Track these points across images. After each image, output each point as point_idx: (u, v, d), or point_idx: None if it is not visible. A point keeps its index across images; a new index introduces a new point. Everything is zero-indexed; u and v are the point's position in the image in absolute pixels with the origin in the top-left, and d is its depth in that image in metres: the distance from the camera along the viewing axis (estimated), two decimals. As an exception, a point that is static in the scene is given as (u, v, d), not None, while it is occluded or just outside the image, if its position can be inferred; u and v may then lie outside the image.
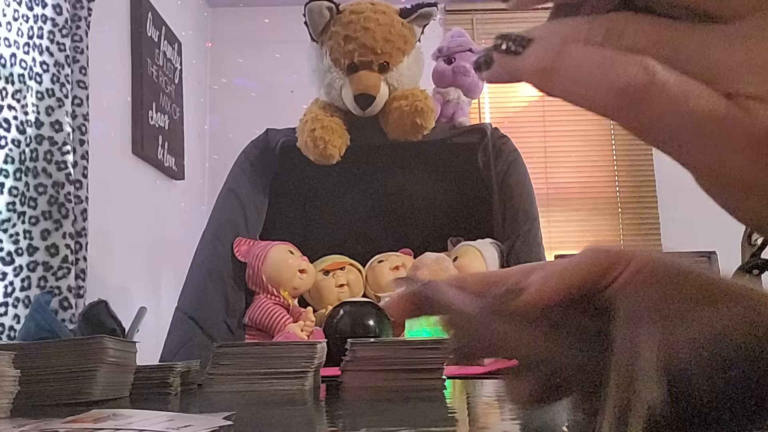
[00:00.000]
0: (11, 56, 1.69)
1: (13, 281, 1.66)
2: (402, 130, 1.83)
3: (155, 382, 1.03)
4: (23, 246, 1.69)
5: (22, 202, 1.71)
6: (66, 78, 1.83)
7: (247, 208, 1.88)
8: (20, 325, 1.57)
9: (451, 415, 0.79)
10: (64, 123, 1.80)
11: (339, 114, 1.87)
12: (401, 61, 1.86)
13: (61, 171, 1.77)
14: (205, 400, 0.98)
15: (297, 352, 1.03)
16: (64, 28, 1.84)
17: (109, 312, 1.18)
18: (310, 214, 2.06)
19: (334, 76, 1.85)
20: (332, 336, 1.55)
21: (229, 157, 2.02)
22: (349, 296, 1.84)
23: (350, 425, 0.73)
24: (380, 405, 0.88)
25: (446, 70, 2.06)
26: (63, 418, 0.60)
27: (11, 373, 0.75)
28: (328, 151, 1.78)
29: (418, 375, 1.02)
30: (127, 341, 1.01)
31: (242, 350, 1.06)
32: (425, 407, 0.84)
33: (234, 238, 1.82)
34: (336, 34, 1.83)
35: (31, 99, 1.75)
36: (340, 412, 0.86)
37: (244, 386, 1.01)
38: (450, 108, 2.02)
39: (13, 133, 1.69)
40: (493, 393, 1.03)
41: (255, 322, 1.75)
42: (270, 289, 1.76)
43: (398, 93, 1.85)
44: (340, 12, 1.85)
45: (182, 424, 0.56)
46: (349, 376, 1.03)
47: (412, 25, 1.90)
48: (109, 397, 0.91)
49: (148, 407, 0.70)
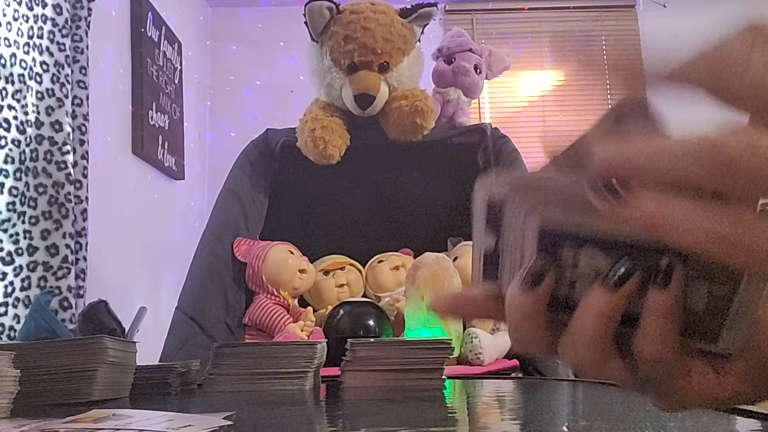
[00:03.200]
0: (11, 56, 1.69)
1: (13, 281, 1.66)
2: (402, 130, 1.83)
3: (155, 382, 1.03)
4: (23, 246, 1.69)
5: (22, 202, 1.71)
6: (66, 78, 1.83)
7: (247, 208, 1.88)
8: (20, 325, 1.57)
9: (451, 415, 0.79)
10: (64, 123, 1.80)
11: (339, 114, 1.87)
12: (401, 61, 1.86)
13: (61, 171, 1.77)
14: (205, 400, 0.98)
15: (297, 352, 1.03)
16: (64, 28, 1.84)
17: (109, 312, 1.18)
18: (310, 214, 2.06)
19: (334, 76, 1.85)
20: (332, 336, 1.55)
21: (229, 157, 2.02)
22: (349, 296, 1.84)
23: (350, 425, 0.73)
24: (380, 405, 0.88)
25: (446, 70, 2.06)
26: (63, 418, 0.60)
27: (11, 373, 0.75)
28: (328, 151, 1.78)
29: (418, 375, 1.02)
30: (127, 341, 1.01)
31: (242, 350, 1.06)
32: (425, 407, 0.83)
33: (234, 238, 1.82)
34: (336, 34, 1.83)
35: (31, 99, 1.75)
36: (340, 412, 0.86)
37: (244, 386, 1.01)
38: (450, 108, 2.02)
39: (13, 133, 1.69)
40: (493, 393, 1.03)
41: (255, 322, 1.75)
42: (270, 289, 1.76)
43: (398, 93, 1.84)
44: (340, 12, 1.85)
45: (182, 424, 0.56)
46: (349, 376, 1.03)
47: (412, 25, 1.90)
48: (109, 397, 0.91)
49: (148, 407, 0.70)
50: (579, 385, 1.15)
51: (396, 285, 1.83)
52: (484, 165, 1.92)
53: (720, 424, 0.61)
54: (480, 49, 2.11)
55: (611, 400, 0.84)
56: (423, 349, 1.04)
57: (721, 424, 0.61)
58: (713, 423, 0.61)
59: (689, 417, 0.63)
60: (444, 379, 1.03)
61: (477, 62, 2.07)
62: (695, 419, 0.62)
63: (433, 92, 2.02)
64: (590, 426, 0.61)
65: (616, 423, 0.60)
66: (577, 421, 0.71)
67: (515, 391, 1.09)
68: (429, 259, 1.62)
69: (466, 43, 2.09)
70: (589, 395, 0.97)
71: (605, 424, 0.61)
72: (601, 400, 0.87)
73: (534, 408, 0.86)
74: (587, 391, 1.01)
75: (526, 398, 0.97)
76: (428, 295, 1.56)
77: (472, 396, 0.99)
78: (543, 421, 0.69)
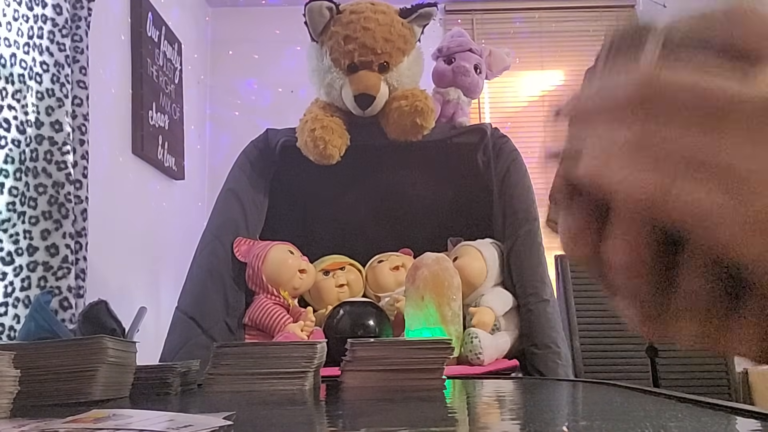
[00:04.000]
0: (11, 56, 1.69)
1: (13, 281, 1.66)
2: (402, 130, 1.83)
3: (155, 382, 1.03)
4: (23, 246, 1.69)
5: (22, 202, 1.71)
6: (66, 78, 1.83)
7: (247, 208, 1.88)
8: (20, 325, 1.57)
9: (451, 415, 0.79)
10: (64, 123, 1.80)
11: (339, 114, 1.87)
12: (401, 61, 1.86)
13: (61, 171, 1.77)
14: (205, 400, 0.98)
15: (297, 352, 1.03)
16: (64, 28, 1.84)
17: (109, 312, 1.18)
18: (310, 214, 2.06)
19: (334, 76, 1.85)
20: (332, 336, 1.55)
21: (229, 157, 2.02)
22: (349, 296, 1.84)
23: (350, 425, 0.73)
24: (380, 405, 0.88)
25: (446, 70, 2.06)
26: (63, 418, 0.60)
27: (11, 373, 0.75)
28: (328, 151, 1.78)
29: (418, 375, 1.02)
30: (127, 341, 1.01)
31: (242, 350, 1.06)
32: (425, 407, 0.83)
33: (234, 238, 1.82)
34: (336, 34, 1.83)
35: (31, 99, 1.75)
36: (340, 412, 0.86)
37: (244, 386, 1.01)
38: (450, 108, 2.02)
39: (13, 133, 1.69)
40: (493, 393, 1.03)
41: (255, 322, 1.75)
42: (270, 289, 1.76)
43: (398, 93, 1.85)
44: (340, 12, 1.85)
45: (182, 424, 0.56)
46: (349, 376, 1.03)
47: (412, 25, 1.90)
48: (109, 397, 0.91)
49: (148, 407, 0.70)
50: (579, 385, 1.16)
51: (396, 285, 1.83)
52: (484, 165, 1.92)
53: (720, 424, 0.61)
54: (480, 49, 2.11)
55: (611, 400, 0.84)
56: (423, 349, 1.04)
57: (721, 424, 0.61)
58: (713, 423, 0.61)
59: (689, 417, 0.63)
60: (444, 379, 1.03)
61: (477, 62, 2.07)
62: (695, 419, 0.62)
63: (433, 92, 2.02)
64: (590, 426, 0.61)
65: (616, 423, 0.60)
66: (577, 421, 0.71)
67: (515, 391, 1.09)
68: (429, 259, 1.62)
69: (466, 43, 2.09)
70: (589, 395, 0.97)
71: (605, 424, 0.61)
72: (601, 400, 0.87)
73: (534, 408, 0.86)
74: (587, 391, 1.01)
75: (526, 398, 0.97)
76: (428, 295, 1.56)
77: (472, 396, 0.99)
78: (543, 421, 0.69)
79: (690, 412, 0.65)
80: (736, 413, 0.64)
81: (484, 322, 1.63)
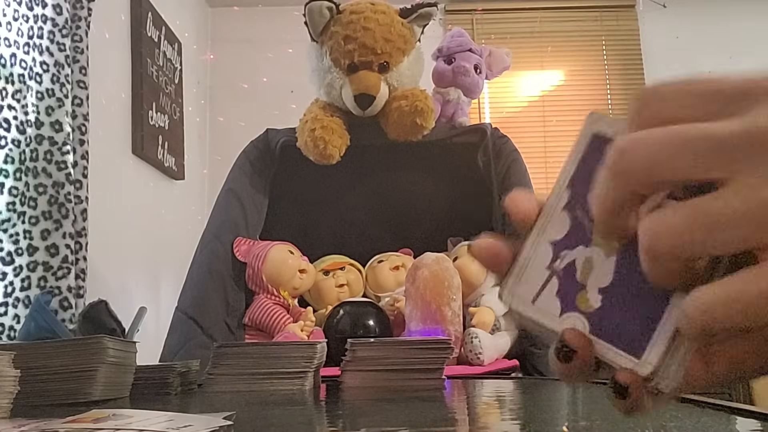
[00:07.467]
0: (11, 56, 1.69)
1: (13, 281, 1.66)
2: (402, 130, 1.83)
3: (155, 382, 1.03)
4: (23, 246, 1.69)
5: (22, 202, 1.71)
6: (66, 78, 1.83)
7: (247, 208, 1.88)
8: (20, 325, 1.57)
9: (451, 415, 0.79)
10: (64, 123, 1.80)
11: (339, 114, 1.87)
12: (401, 61, 1.86)
13: (61, 171, 1.77)
14: (205, 400, 0.98)
15: (297, 352, 1.03)
16: (64, 28, 1.84)
17: (109, 312, 1.18)
18: (310, 214, 2.06)
19: (334, 76, 1.85)
20: (332, 336, 1.55)
21: (229, 157, 2.02)
22: (349, 296, 1.84)
23: (350, 425, 0.73)
24: (380, 405, 0.88)
25: (446, 70, 2.05)
26: (63, 418, 0.60)
27: (11, 373, 0.75)
28: (328, 151, 1.78)
29: (418, 375, 1.02)
30: (127, 341, 1.01)
31: (242, 350, 1.06)
32: (425, 407, 0.83)
33: (234, 238, 1.82)
34: (336, 34, 1.83)
35: (31, 99, 1.75)
36: (340, 412, 0.86)
37: (244, 386, 1.01)
38: (450, 108, 2.02)
39: (13, 133, 1.69)
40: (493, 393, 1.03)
41: (255, 322, 1.75)
42: (270, 289, 1.76)
43: (398, 93, 1.84)
44: (340, 12, 1.85)
45: (182, 424, 0.56)
46: (349, 376, 1.03)
47: (412, 25, 1.90)
48: (109, 397, 0.91)
49: (148, 407, 0.70)
50: (579, 385, 1.16)
51: (396, 285, 1.83)
52: (484, 165, 1.92)
53: (720, 424, 0.61)
54: (480, 49, 2.11)
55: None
56: (423, 349, 1.04)
57: (721, 424, 0.61)
58: (713, 423, 0.61)
59: (689, 417, 0.63)
60: (444, 379, 1.03)
61: (477, 62, 2.07)
62: (695, 419, 0.62)
63: (433, 92, 2.02)
64: (590, 426, 0.61)
65: (616, 423, 0.60)
66: (577, 421, 0.71)
67: (515, 391, 1.09)
68: (429, 259, 1.62)
69: (466, 43, 2.09)
70: (589, 395, 0.97)
71: (605, 424, 0.61)
72: (601, 400, 0.87)
73: (534, 408, 0.86)
74: (587, 391, 1.01)
75: (526, 398, 0.97)
76: (428, 295, 1.56)
77: (472, 396, 0.99)
78: (543, 421, 0.69)
79: (690, 412, 0.65)
80: (736, 413, 0.64)
81: (484, 322, 1.63)
